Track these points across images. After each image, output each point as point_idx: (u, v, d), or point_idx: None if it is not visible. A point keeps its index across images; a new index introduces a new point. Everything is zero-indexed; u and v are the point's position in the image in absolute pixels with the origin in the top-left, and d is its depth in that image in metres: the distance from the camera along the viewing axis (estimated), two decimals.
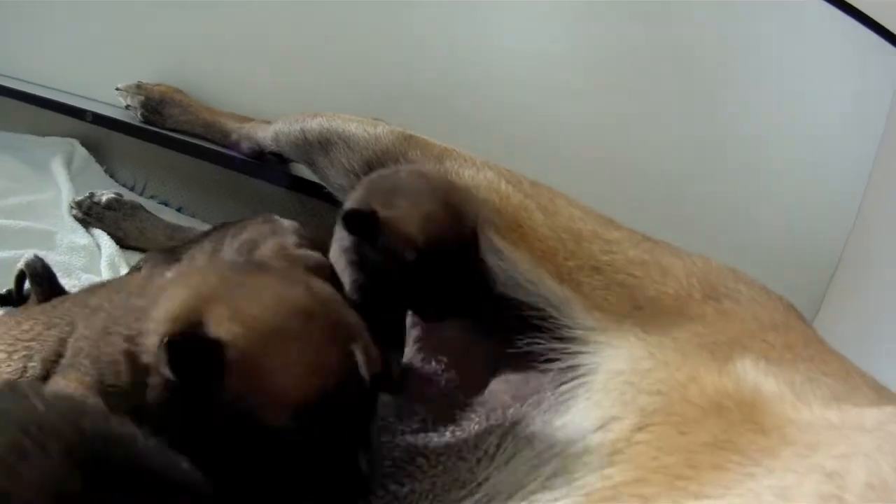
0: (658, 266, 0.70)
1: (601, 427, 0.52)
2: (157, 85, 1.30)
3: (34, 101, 1.38)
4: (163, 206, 1.38)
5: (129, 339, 0.49)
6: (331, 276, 0.66)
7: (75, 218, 1.20)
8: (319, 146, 0.85)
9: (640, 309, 0.65)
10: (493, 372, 0.65)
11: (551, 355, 0.61)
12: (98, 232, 1.18)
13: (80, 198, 1.21)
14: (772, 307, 0.68)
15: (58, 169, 1.34)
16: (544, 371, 0.61)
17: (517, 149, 1.20)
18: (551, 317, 0.65)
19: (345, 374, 0.47)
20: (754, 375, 0.51)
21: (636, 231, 0.78)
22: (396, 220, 0.64)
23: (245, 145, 1.19)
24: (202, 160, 1.29)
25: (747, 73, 1.24)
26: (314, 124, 0.86)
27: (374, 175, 0.73)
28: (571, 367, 0.59)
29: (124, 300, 0.54)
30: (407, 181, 0.68)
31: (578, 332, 0.62)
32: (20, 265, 0.87)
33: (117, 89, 1.30)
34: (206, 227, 1.12)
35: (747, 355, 0.55)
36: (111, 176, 1.43)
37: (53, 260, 1.08)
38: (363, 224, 0.66)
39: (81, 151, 1.40)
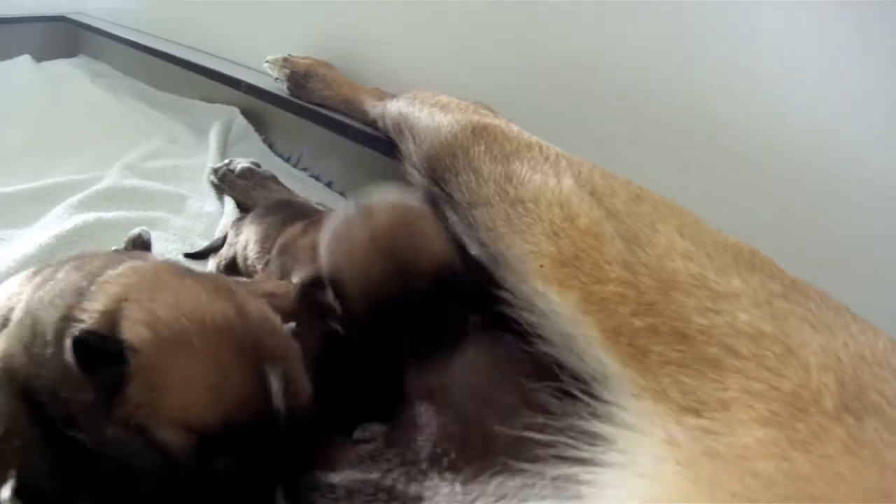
0: (780, 342, 0.46)
1: None
2: (305, 58, 1.27)
3: (199, 70, 1.44)
4: (314, 181, 1.37)
5: (63, 318, 0.48)
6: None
7: (211, 184, 1.23)
8: (396, 134, 0.72)
9: (728, 409, 0.43)
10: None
11: (559, 453, 0.42)
12: (228, 200, 1.20)
13: (217, 165, 1.23)
14: None
15: (213, 136, 1.40)
16: (531, 483, 0.41)
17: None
18: (586, 394, 0.45)
19: (255, 401, 0.44)
20: None
21: (785, 275, 0.53)
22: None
23: (380, 124, 1.11)
24: (348, 138, 1.23)
25: None
26: (393, 108, 0.74)
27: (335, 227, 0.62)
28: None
29: (76, 278, 0.52)
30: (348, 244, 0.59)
31: (611, 430, 0.42)
32: (132, 234, 0.98)
33: (266, 62, 1.29)
34: None
35: None
36: (269, 146, 1.46)
37: (175, 224, 1.12)
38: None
39: (241, 121, 1.45)
